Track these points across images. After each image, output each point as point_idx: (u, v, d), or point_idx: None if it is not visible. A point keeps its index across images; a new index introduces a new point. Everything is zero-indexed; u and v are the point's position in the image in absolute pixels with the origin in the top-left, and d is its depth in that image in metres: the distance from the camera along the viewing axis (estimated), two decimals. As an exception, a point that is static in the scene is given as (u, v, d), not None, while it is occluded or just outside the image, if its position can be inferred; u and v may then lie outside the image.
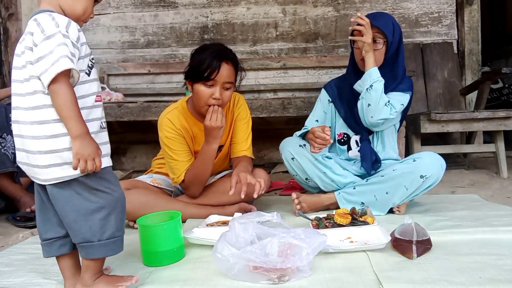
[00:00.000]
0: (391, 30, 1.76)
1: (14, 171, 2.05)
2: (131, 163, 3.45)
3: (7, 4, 3.40)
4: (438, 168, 1.66)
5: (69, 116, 0.95)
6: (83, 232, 1.01)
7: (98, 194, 1.01)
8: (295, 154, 1.82)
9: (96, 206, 1.01)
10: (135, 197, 1.64)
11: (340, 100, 1.94)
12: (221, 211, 1.71)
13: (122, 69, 3.39)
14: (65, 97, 0.95)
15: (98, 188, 1.01)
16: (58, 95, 0.95)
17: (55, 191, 1.00)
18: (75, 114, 0.96)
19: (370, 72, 1.71)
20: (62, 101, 0.95)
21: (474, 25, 3.31)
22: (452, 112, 2.53)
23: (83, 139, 0.96)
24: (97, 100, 1.06)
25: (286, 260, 1.07)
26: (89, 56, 1.06)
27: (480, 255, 1.23)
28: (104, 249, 1.03)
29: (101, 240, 1.01)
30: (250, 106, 2.57)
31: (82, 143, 0.96)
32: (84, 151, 0.96)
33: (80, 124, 0.97)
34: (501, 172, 2.52)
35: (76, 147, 0.96)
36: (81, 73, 1.02)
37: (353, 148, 1.91)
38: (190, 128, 1.76)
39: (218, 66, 1.58)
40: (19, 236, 1.65)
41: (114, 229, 1.03)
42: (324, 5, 3.35)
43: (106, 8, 3.43)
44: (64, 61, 0.93)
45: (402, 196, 1.69)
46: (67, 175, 0.99)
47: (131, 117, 2.61)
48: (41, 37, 0.95)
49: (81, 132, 0.96)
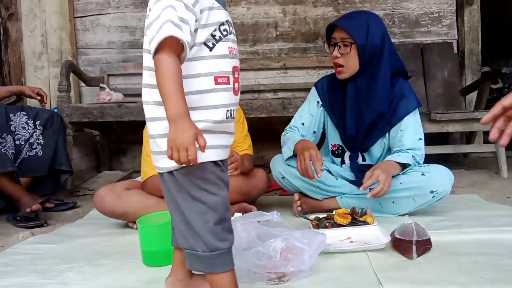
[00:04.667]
0: (364, 32, 1.62)
1: (14, 171, 2.04)
2: (131, 163, 3.44)
3: (7, 4, 3.40)
4: (448, 183, 1.62)
5: (166, 93, 0.78)
6: (186, 236, 0.87)
7: (195, 195, 0.84)
8: (284, 173, 1.77)
9: (196, 209, 0.84)
10: (136, 198, 1.65)
11: (332, 110, 1.82)
12: (221, 211, 1.71)
13: (122, 69, 3.39)
14: (165, 70, 0.78)
15: (191, 188, 0.84)
16: (158, 67, 0.79)
17: (162, 182, 0.89)
18: (174, 91, 0.78)
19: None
20: (160, 75, 0.78)
21: (474, 25, 3.30)
22: (452, 112, 2.53)
23: (178, 123, 0.77)
24: (220, 82, 0.86)
25: (290, 264, 1.07)
26: (216, 25, 0.87)
27: (480, 255, 1.23)
28: (207, 262, 0.86)
29: (205, 252, 0.85)
30: (250, 106, 2.58)
31: (177, 128, 0.77)
32: (177, 138, 0.76)
33: (178, 104, 0.77)
34: (501, 172, 2.52)
35: (170, 132, 0.77)
36: (198, 46, 0.84)
37: (346, 162, 1.84)
38: None
39: None
40: (19, 236, 1.65)
41: (217, 238, 0.85)
42: (324, 5, 3.35)
43: (106, 8, 3.43)
44: (167, 27, 0.76)
45: (409, 207, 1.65)
46: (162, 166, 0.86)
47: (131, 117, 2.60)
48: (153, 0, 0.82)
49: (176, 114, 0.77)
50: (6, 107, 2.30)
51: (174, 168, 0.83)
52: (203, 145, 0.78)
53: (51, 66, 3.39)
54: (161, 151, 0.83)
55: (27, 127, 2.25)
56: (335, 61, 1.68)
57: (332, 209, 1.66)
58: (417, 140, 1.69)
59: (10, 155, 2.14)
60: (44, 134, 2.30)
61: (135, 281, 1.16)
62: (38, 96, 2.39)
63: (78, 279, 1.18)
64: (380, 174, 1.52)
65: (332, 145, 1.86)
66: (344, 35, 1.63)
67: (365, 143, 1.76)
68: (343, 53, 1.65)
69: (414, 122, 1.70)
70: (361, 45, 1.62)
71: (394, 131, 1.72)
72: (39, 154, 2.27)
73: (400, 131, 1.70)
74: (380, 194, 1.52)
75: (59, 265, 1.29)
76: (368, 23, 1.63)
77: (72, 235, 1.64)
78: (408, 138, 1.68)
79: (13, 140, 2.20)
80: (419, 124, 1.71)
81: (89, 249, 1.46)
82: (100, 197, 1.64)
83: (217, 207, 0.85)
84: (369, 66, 1.67)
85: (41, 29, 3.38)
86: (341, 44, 1.65)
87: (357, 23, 1.64)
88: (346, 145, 1.81)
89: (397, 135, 1.71)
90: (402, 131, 1.69)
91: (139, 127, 1.81)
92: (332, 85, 1.83)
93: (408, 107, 1.69)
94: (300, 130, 1.83)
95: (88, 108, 2.64)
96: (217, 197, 0.86)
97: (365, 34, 1.62)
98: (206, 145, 0.79)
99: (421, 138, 1.70)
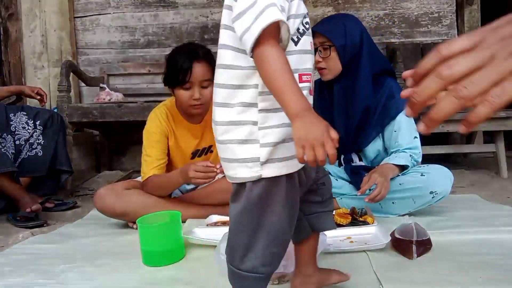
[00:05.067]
0: (341, 33, 1.65)
1: (14, 171, 2.04)
2: (131, 163, 3.44)
3: (7, 4, 3.40)
4: (447, 184, 1.62)
5: (280, 88, 0.68)
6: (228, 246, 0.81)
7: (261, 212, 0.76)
8: None
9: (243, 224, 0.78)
10: (136, 198, 1.66)
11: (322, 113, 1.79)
12: (221, 211, 1.71)
13: (122, 69, 3.39)
14: (273, 63, 0.68)
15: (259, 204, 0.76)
16: (264, 61, 0.68)
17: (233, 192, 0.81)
18: (290, 84, 0.68)
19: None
20: (268, 69, 0.68)
21: (474, 25, 3.31)
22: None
23: (304, 118, 0.67)
24: (305, 80, 0.78)
25: (289, 264, 1.07)
26: (301, 18, 0.79)
27: (480, 255, 1.23)
28: (241, 282, 0.79)
29: (240, 270, 0.78)
30: (250, 106, 2.58)
31: (304, 123, 0.67)
32: (309, 134, 0.66)
33: (298, 97, 0.68)
34: (501, 172, 2.52)
35: (297, 130, 0.67)
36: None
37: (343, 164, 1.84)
38: (176, 126, 1.77)
39: (190, 67, 1.56)
40: (19, 236, 1.65)
41: (258, 261, 0.77)
42: (324, 5, 3.35)
43: (106, 8, 3.43)
44: (271, 11, 0.67)
45: (409, 208, 1.65)
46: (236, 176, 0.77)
47: (131, 117, 2.60)
48: None
49: (300, 108, 0.68)
50: (6, 107, 2.30)
51: (250, 179, 0.75)
52: (336, 139, 0.67)
53: (51, 66, 3.39)
54: (238, 158, 0.75)
55: (27, 127, 2.25)
56: (318, 65, 1.72)
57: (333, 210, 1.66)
58: (413, 139, 1.70)
59: (10, 155, 2.14)
60: (44, 134, 2.30)
61: (135, 281, 1.16)
62: (38, 95, 2.40)
63: (78, 279, 1.18)
64: (378, 178, 1.53)
65: None
66: (322, 39, 1.67)
67: (358, 144, 1.77)
68: (323, 56, 1.69)
69: (407, 121, 1.70)
70: (340, 46, 1.66)
71: (388, 132, 1.73)
72: (39, 154, 2.27)
73: (394, 131, 1.71)
74: (377, 198, 1.53)
75: (59, 265, 1.29)
76: (344, 24, 1.67)
77: (72, 235, 1.64)
78: (404, 138, 1.69)
79: (13, 140, 2.20)
80: (412, 122, 1.72)
81: (89, 249, 1.46)
82: (101, 196, 1.65)
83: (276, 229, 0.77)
84: (351, 66, 1.70)
85: (41, 29, 3.38)
86: (321, 48, 1.69)
87: (333, 26, 1.68)
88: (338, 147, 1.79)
89: (392, 136, 1.72)
90: (396, 131, 1.70)
91: (139, 127, 1.81)
92: (319, 89, 1.84)
93: (399, 106, 1.68)
94: None
95: (88, 108, 2.64)
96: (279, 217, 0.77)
97: (342, 35, 1.66)
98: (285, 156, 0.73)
99: (416, 137, 1.71)
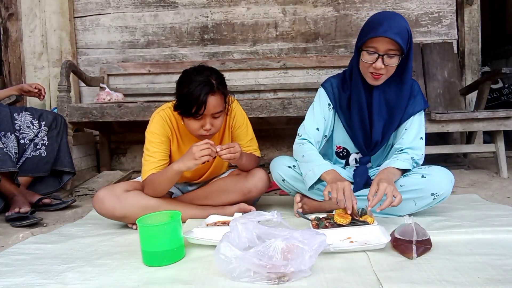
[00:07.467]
0: (406, 40, 1.52)
1: (15, 171, 2.04)
2: (131, 163, 3.45)
3: (7, 4, 3.40)
4: (448, 185, 1.61)
5: None
6: None
7: None
8: (284, 176, 1.78)
9: None
10: (135, 201, 1.64)
11: (343, 113, 1.76)
12: (221, 211, 1.71)
13: (122, 69, 3.40)
14: None
15: None
16: None
17: None
18: None
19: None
20: None
21: (474, 25, 3.31)
22: (452, 112, 2.53)
23: None
24: None
25: (290, 264, 1.07)
26: None
27: (480, 255, 1.23)
28: None
29: None
30: (250, 106, 2.58)
31: None
32: None
33: None
34: (501, 172, 2.52)
35: None
36: None
37: (351, 164, 1.84)
38: (179, 131, 1.76)
39: (205, 101, 1.52)
40: (19, 236, 1.65)
41: None
42: (324, 5, 3.36)
43: (106, 8, 3.43)
44: None
45: (410, 209, 1.64)
46: None
47: (131, 117, 2.61)
48: None
49: None
50: (10, 107, 2.31)
51: None
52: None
53: (51, 66, 3.39)
54: None
55: (32, 127, 2.26)
56: (379, 71, 1.57)
57: (333, 209, 1.65)
58: (418, 139, 1.68)
59: (13, 154, 2.14)
60: (49, 135, 2.31)
61: (135, 281, 1.16)
62: (36, 89, 2.42)
63: (78, 279, 1.18)
64: (387, 187, 1.46)
65: (337, 147, 1.85)
66: (391, 47, 1.51)
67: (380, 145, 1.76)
68: (388, 64, 1.54)
69: (419, 122, 1.70)
70: (406, 54, 1.56)
71: (400, 130, 1.72)
72: (43, 155, 2.28)
73: (405, 129, 1.69)
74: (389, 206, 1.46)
75: (59, 265, 1.29)
76: (407, 29, 1.53)
77: (72, 235, 1.64)
78: (409, 136, 1.67)
79: (17, 139, 2.20)
80: (422, 125, 1.71)
81: (89, 249, 1.46)
82: (100, 199, 1.63)
83: None
84: (399, 69, 1.61)
85: (41, 29, 3.38)
86: (386, 56, 1.53)
87: (401, 32, 1.51)
88: (361, 149, 1.77)
89: (401, 133, 1.70)
90: (406, 129, 1.69)
91: (139, 127, 1.81)
92: (343, 87, 1.76)
93: (415, 107, 1.68)
94: (313, 137, 1.75)
95: (88, 108, 2.64)
96: None
97: (407, 42, 1.54)
98: None
99: (422, 138, 1.69)
